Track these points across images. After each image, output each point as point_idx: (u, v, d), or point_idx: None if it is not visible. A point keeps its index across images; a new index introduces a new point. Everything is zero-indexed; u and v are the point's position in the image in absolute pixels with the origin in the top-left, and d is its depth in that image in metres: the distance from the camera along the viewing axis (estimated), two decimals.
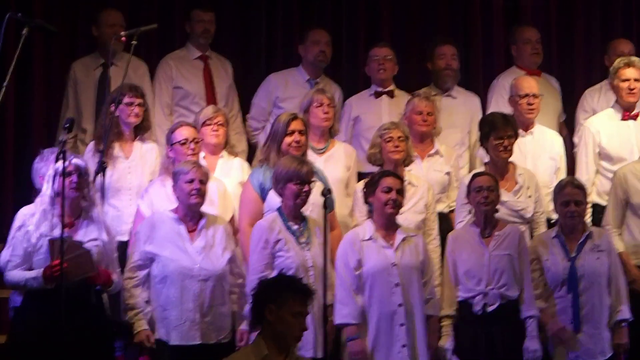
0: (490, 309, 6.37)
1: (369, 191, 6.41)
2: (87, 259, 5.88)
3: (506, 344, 6.35)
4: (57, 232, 5.76)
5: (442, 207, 7.16)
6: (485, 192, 6.48)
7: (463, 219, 6.85)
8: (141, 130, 7.00)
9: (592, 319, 6.46)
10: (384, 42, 7.99)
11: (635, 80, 7.37)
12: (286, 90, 7.87)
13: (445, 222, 7.08)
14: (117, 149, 6.89)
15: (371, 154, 6.95)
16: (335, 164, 7.05)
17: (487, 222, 6.53)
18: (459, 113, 7.79)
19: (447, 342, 6.43)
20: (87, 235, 6.00)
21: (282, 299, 4.97)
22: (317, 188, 6.31)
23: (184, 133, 6.69)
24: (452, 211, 7.17)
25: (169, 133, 6.78)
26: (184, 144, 6.66)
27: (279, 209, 6.32)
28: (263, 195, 6.53)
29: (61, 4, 8.16)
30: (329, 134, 7.16)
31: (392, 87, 7.82)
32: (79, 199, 6.01)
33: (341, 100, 7.95)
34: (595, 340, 6.46)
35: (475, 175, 6.65)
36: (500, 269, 6.41)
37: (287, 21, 8.39)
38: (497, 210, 6.57)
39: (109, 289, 6.08)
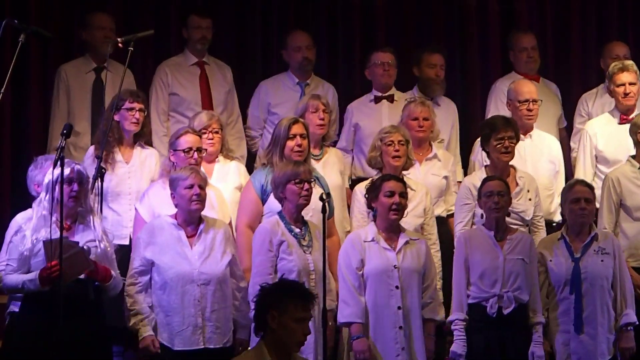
0: (506, 311, 6.34)
1: (371, 196, 6.39)
2: (81, 257, 5.85)
3: (518, 349, 6.34)
4: (54, 237, 5.71)
5: (439, 211, 7.15)
6: (495, 197, 6.47)
7: (462, 219, 6.87)
8: (140, 136, 6.97)
9: (594, 320, 6.45)
10: (387, 47, 7.93)
11: (630, 84, 7.43)
12: (277, 96, 7.85)
13: (443, 226, 7.08)
14: (117, 154, 6.85)
15: (371, 157, 6.93)
16: (332, 169, 7.03)
17: (498, 226, 6.51)
18: (441, 120, 7.72)
19: (459, 347, 6.38)
20: (84, 238, 5.98)
21: (283, 305, 4.90)
22: (316, 193, 6.27)
23: (189, 141, 6.64)
24: (450, 215, 7.16)
25: (173, 139, 6.73)
26: (187, 152, 6.63)
27: (279, 213, 6.30)
28: (264, 197, 6.53)
29: (56, 9, 8.14)
30: (324, 140, 7.15)
31: (392, 91, 7.81)
32: (77, 206, 6.00)
33: (336, 99, 7.94)
34: (596, 342, 6.45)
35: (485, 180, 6.62)
36: (515, 272, 6.39)
37: (283, 25, 8.38)
38: (508, 215, 6.57)
39: (107, 284, 6.02)
